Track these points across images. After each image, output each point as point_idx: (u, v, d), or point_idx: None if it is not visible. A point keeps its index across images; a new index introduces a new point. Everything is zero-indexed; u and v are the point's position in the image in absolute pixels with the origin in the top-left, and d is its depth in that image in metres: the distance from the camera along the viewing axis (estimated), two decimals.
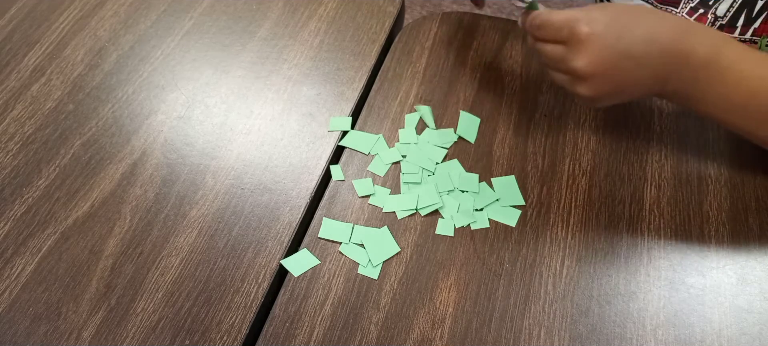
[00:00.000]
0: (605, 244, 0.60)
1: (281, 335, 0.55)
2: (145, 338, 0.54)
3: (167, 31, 0.78)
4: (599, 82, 0.56)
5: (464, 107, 0.70)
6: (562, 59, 0.57)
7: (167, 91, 0.72)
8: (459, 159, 0.66)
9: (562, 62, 0.57)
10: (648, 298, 0.56)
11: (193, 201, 0.63)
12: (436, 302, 0.56)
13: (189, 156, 0.66)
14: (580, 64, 0.55)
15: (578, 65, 0.55)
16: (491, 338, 0.54)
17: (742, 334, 0.54)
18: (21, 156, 0.67)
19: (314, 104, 0.71)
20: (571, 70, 0.56)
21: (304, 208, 0.62)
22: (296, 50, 0.76)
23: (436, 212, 0.62)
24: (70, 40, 0.77)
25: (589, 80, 0.56)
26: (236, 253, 0.59)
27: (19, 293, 0.57)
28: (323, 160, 0.66)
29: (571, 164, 0.65)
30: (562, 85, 0.59)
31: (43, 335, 0.55)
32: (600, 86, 0.57)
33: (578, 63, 0.55)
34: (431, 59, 0.75)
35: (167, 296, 0.57)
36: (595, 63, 0.55)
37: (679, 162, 0.65)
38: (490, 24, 0.78)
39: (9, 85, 0.73)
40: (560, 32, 0.56)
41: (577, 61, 0.55)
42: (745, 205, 0.62)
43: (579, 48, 0.55)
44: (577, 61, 0.55)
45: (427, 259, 0.59)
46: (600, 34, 0.55)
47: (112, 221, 0.61)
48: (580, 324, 0.55)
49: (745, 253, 0.59)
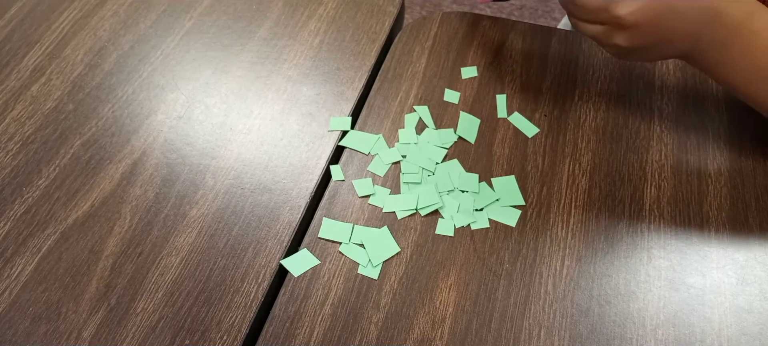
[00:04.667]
0: (605, 244, 0.60)
1: (281, 335, 0.55)
2: (145, 338, 0.54)
3: (167, 31, 0.78)
4: (641, 32, 0.55)
5: (464, 107, 0.70)
6: (603, 9, 0.55)
7: (167, 91, 0.72)
8: (459, 159, 0.66)
9: (602, 11, 0.55)
10: (648, 298, 0.56)
11: (193, 201, 0.63)
12: (436, 302, 0.56)
13: (189, 156, 0.66)
14: (625, 12, 0.54)
15: (624, 12, 0.54)
16: (491, 338, 0.54)
17: (742, 334, 0.54)
18: (21, 156, 0.67)
19: (314, 104, 0.71)
20: (614, 17, 0.55)
21: (304, 208, 0.62)
22: (296, 50, 0.76)
23: (436, 212, 0.62)
24: (70, 40, 0.77)
25: (631, 29, 0.55)
26: (236, 253, 0.59)
27: (19, 293, 0.57)
28: (323, 160, 0.66)
29: (571, 164, 0.65)
30: (593, 36, 0.58)
31: (43, 335, 0.55)
32: (640, 37, 0.56)
33: (624, 10, 0.54)
34: (431, 59, 0.75)
35: (167, 295, 0.57)
36: (642, 11, 0.54)
37: (679, 162, 0.65)
38: (490, 24, 0.78)
39: (9, 85, 0.73)
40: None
41: (623, 9, 0.54)
42: (745, 205, 0.62)
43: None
44: (623, 9, 0.54)
45: (427, 259, 0.59)
46: None
47: (112, 221, 0.61)
48: (580, 324, 0.55)
49: (745, 253, 0.59)
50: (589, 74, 0.73)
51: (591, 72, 0.73)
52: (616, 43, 0.56)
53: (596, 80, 0.72)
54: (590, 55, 0.75)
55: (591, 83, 0.72)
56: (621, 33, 0.56)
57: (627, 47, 0.57)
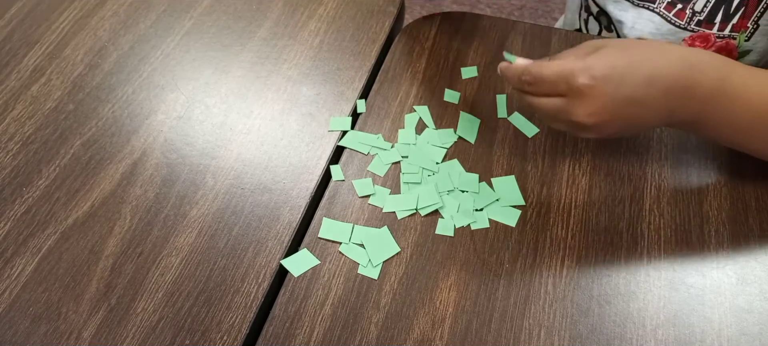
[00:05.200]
0: (605, 244, 0.60)
1: (281, 335, 0.55)
2: (145, 338, 0.54)
3: (167, 31, 0.78)
4: (604, 127, 0.55)
5: (464, 107, 0.70)
6: (562, 110, 0.55)
7: (167, 91, 0.72)
8: (459, 159, 0.66)
9: (562, 113, 0.55)
10: (648, 298, 0.56)
11: (193, 201, 0.63)
12: (436, 302, 0.56)
13: (189, 156, 0.66)
14: (582, 116, 0.54)
15: (580, 117, 0.54)
16: (491, 338, 0.54)
17: (742, 334, 0.54)
18: (21, 156, 0.67)
19: (314, 104, 0.71)
20: (573, 122, 0.55)
21: (304, 208, 0.62)
22: (296, 50, 0.76)
23: (436, 212, 0.62)
24: (70, 40, 0.77)
25: (593, 128, 0.55)
26: (236, 253, 0.59)
27: (19, 293, 0.57)
28: (323, 160, 0.66)
29: (571, 164, 0.65)
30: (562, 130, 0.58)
31: (43, 335, 0.55)
32: (605, 130, 0.56)
33: (580, 115, 0.54)
34: (431, 59, 0.75)
35: (167, 296, 0.57)
36: (598, 113, 0.54)
37: (679, 162, 0.65)
38: (490, 24, 0.78)
39: (9, 85, 0.73)
40: (556, 86, 0.54)
41: (579, 114, 0.54)
42: (745, 205, 0.62)
43: (580, 101, 0.54)
44: (579, 113, 0.54)
45: (427, 259, 0.59)
46: (600, 84, 0.53)
47: (112, 221, 0.61)
48: (580, 324, 0.55)
49: (745, 253, 0.59)
50: None
51: None
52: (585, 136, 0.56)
53: None
54: None
55: None
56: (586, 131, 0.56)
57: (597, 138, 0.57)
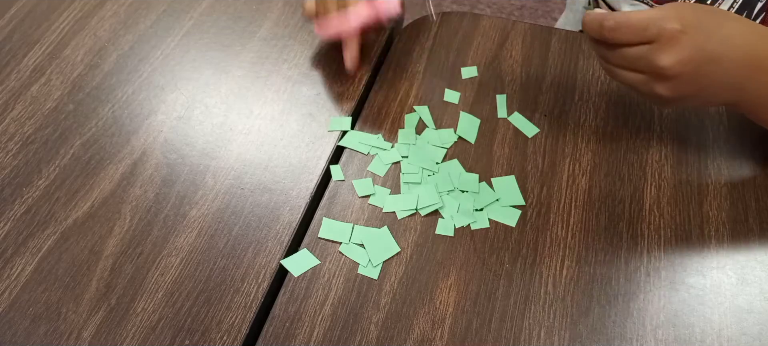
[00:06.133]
0: (605, 244, 0.60)
1: (281, 335, 0.55)
2: (145, 338, 0.54)
3: (167, 31, 0.78)
4: (684, 82, 0.54)
5: (464, 107, 0.70)
6: (643, 57, 0.54)
7: (167, 91, 0.72)
8: (459, 159, 0.66)
9: (642, 60, 0.54)
10: (648, 298, 0.56)
11: (193, 201, 0.63)
12: (436, 302, 0.56)
13: (189, 156, 0.66)
14: (667, 63, 0.52)
15: (665, 63, 0.52)
16: (491, 338, 0.54)
17: (742, 334, 0.54)
18: (21, 156, 0.67)
19: (314, 104, 0.71)
20: (655, 68, 0.53)
21: (304, 208, 0.62)
22: (296, 50, 0.76)
23: (436, 212, 0.62)
24: (70, 40, 0.77)
25: (674, 80, 0.53)
26: (236, 253, 0.59)
27: (19, 293, 0.57)
28: (323, 160, 0.66)
29: (571, 164, 0.65)
30: (633, 85, 0.56)
31: (43, 335, 0.55)
32: (683, 87, 0.54)
33: (666, 61, 0.52)
34: (431, 59, 0.75)
35: (167, 296, 0.57)
36: (685, 62, 0.52)
37: (679, 162, 0.65)
38: (490, 24, 0.78)
39: (9, 85, 0.73)
40: (645, 32, 0.53)
41: (665, 60, 0.52)
42: (745, 205, 0.62)
43: (669, 46, 0.52)
44: (665, 59, 0.52)
45: (427, 259, 0.59)
46: (693, 33, 0.52)
47: (112, 221, 0.61)
48: (580, 324, 0.55)
49: (745, 253, 0.59)
50: (589, 74, 0.73)
51: (591, 72, 0.73)
52: (659, 93, 0.54)
53: (596, 80, 0.72)
54: (590, 55, 0.75)
55: (591, 83, 0.72)
56: (664, 83, 0.54)
57: (670, 97, 0.55)
